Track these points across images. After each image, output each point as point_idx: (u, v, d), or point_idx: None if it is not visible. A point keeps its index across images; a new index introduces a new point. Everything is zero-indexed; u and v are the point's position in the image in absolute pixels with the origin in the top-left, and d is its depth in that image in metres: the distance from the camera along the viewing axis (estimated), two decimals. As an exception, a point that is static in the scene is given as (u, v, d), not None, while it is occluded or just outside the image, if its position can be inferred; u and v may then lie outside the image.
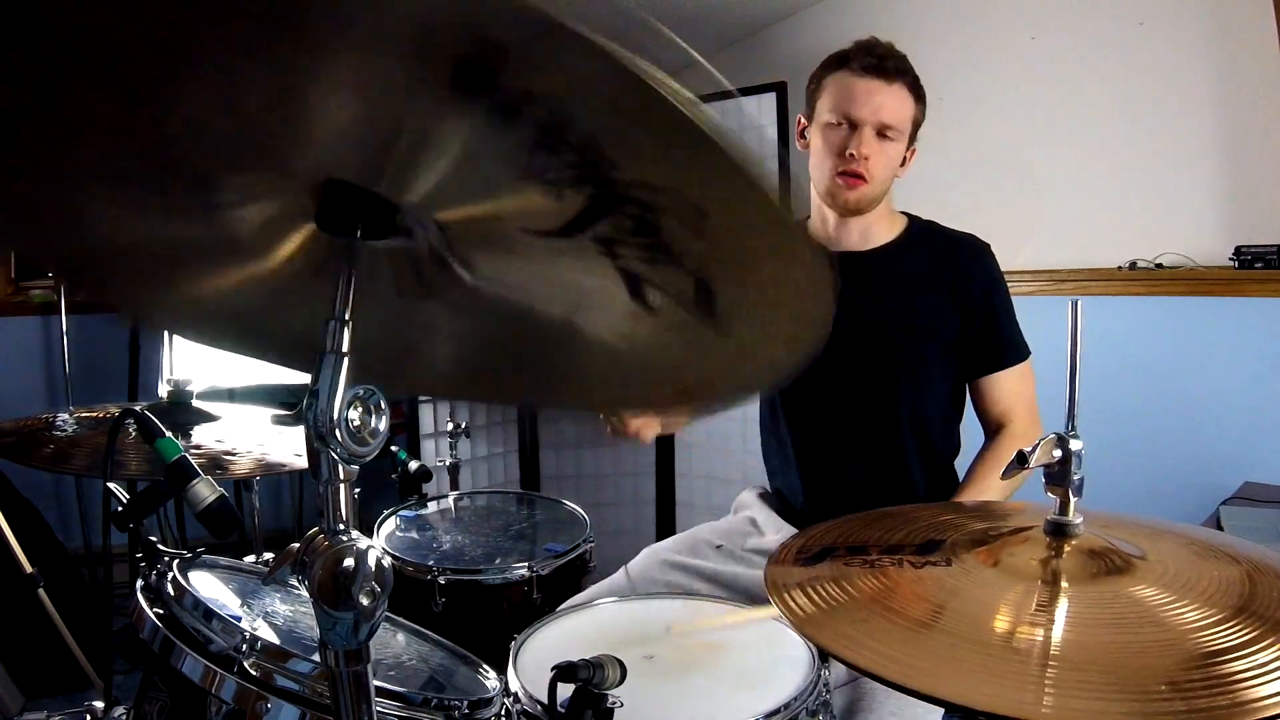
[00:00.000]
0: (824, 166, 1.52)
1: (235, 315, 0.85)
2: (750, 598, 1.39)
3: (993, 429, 1.58)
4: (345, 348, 0.62)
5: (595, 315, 0.74)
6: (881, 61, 1.49)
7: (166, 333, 2.98)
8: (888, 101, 1.48)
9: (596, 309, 0.74)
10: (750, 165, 0.54)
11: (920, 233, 1.61)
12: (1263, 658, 0.63)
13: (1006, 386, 1.55)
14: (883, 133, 1.48)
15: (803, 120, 1.60)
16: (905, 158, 1.56)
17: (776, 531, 1.59)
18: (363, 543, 0.63)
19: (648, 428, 1.47)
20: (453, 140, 0.56)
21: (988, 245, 1.59)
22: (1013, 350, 1.55)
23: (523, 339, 0.81)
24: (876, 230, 1.59)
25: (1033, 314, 1.59)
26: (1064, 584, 0.77)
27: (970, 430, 1.65)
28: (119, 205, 0.68)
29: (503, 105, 0.50)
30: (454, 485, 2.33)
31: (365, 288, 0.66)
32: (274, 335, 0.86)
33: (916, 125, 1.55)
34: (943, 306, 1.55)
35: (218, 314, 0.86)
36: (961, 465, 1.65)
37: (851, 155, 1.47)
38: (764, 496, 1.72)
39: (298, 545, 0.63)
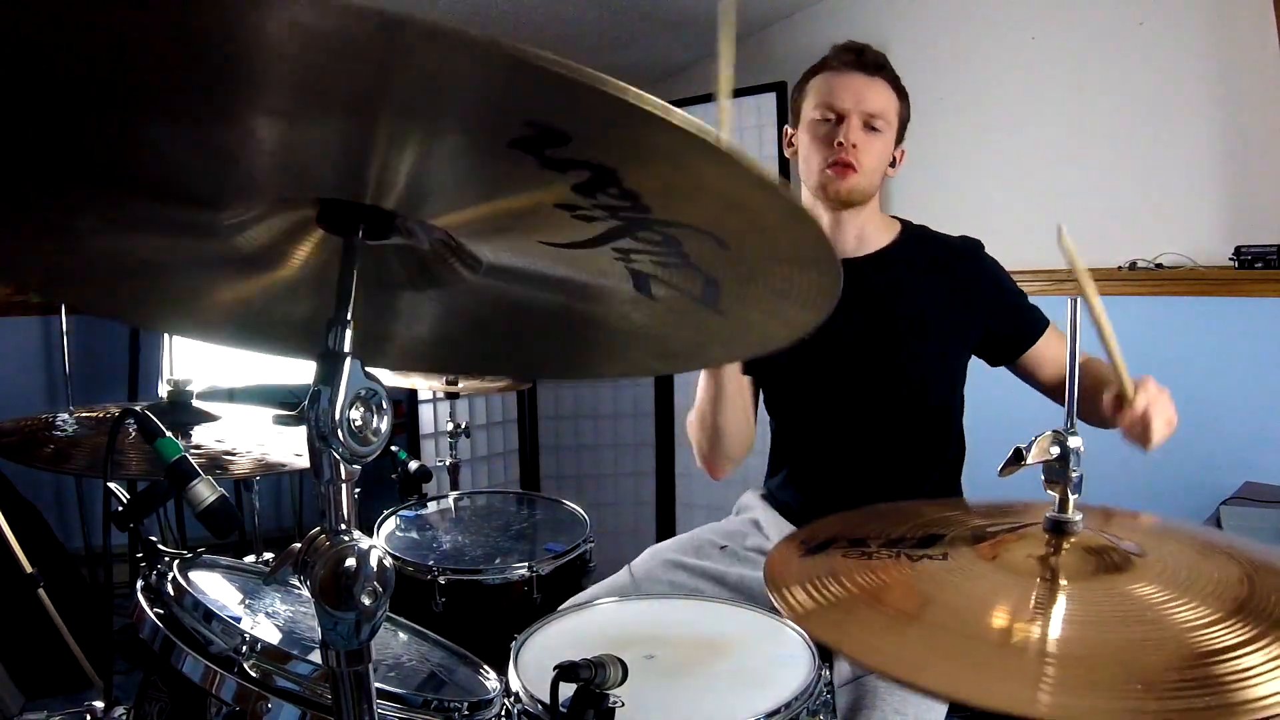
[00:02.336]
0: (813, 162, 1.52)
1: (253, 316, 0.86)
2: (757, 599, 1.39)
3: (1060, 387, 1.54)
4: (347, 348, 0.62)
5: (595, 303, 0.75)
6: (860, 56, 1.51)
7: (168, 335, 2.98)
8: (870, 92, 1.49)
9: (598, 297, 0.75)
10: (799, 214, 0.57)
11: (915, 238, 1.61)
12: (1255, 659, 0.63)
13: (1048, 349, 1.55)
14: (869, 123, 1.49)
15: (789, 130, 1.60)
16: (895, 157, 1.56)
17: (779, 533, 1.59)
18: (365, 543, 0.63)
19: None
20: (485, 184, 0.58)
21: (979, 242, 1.60)
22: (1037, 320, 1.57)
23: (516, 322, 0.83)
24: (871, 235, 1.59)
25: (1033, 314, 1.59)
26: (1062, 581, 0.77)
27: (974, 437, 1.65)
28: (125, 235, 0.68)
29: (550, 165, 0.51)
30: (454, 485, 2.33)
31: (369, 276, 0.66)
32: (293, 328, 0.87)
33: (903, 123, 1.55)
34: (951, 309, 1.55)
35: (233, 317, 0.87)
36: (967, 472, 1.65)
37: (840, 144, 1.48)
38: (766, 498, 1.72)
39: (299, 545, 0.63)
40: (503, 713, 1.07)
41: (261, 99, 0.47)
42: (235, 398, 2.99)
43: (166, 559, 1.11)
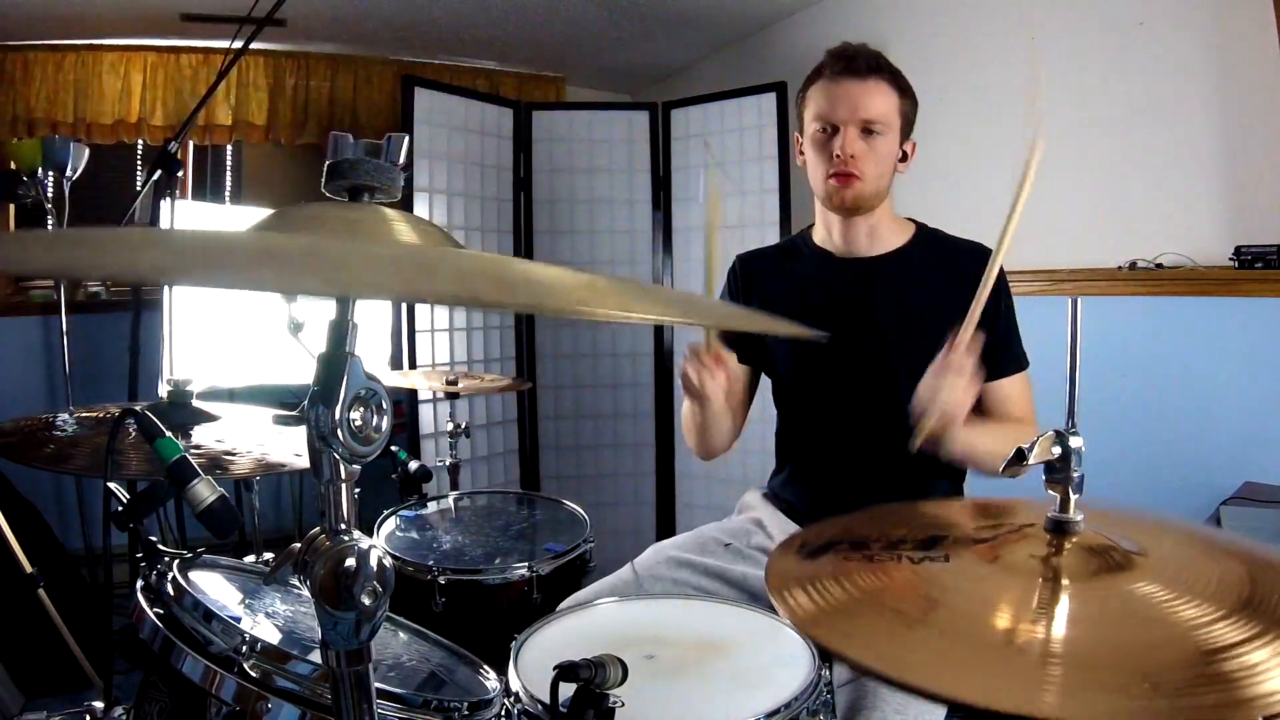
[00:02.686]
0: (816, 174, 1.55)
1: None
2: (760, 597, 1.39)
3: None
4: (349, 348, 0.62)
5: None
6: (851, 62, 1.51)
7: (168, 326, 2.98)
8: (864, 98, 1.49)
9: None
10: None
11: (927, 240, 1.61)
12: (1261, 655, 0.63)
13: (1005, 393, 1.53)
14: (867, 129, 1.49)
15: (798, 138, 1.62)
16: (905, 152, 1.56)
17: (782, 532, 1.58)
18: (364, 543, 0.63)
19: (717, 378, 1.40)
20: None
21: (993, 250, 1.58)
22: (1013, 360, 1.54)
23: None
24: (884, 235, 1.59)
25: (1033, 314, 1.58)
26: (1065, 581, 0.77)
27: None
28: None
29: None
30: (454, 485, 2.33)
31: None
32: None
33: (907, 118, 1.55)
34: (954, 312, 1.54)
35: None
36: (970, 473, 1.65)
37: (838, 156, 1.49)
38: (768, 497, 1.72)
39: (299, 545, 0.64)
40: (503, 713, 1.07)
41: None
42: (235, 398, 2.98)
43: (166, 559, 1.11)
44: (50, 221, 2.96)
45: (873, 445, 1.57)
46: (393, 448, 2.02)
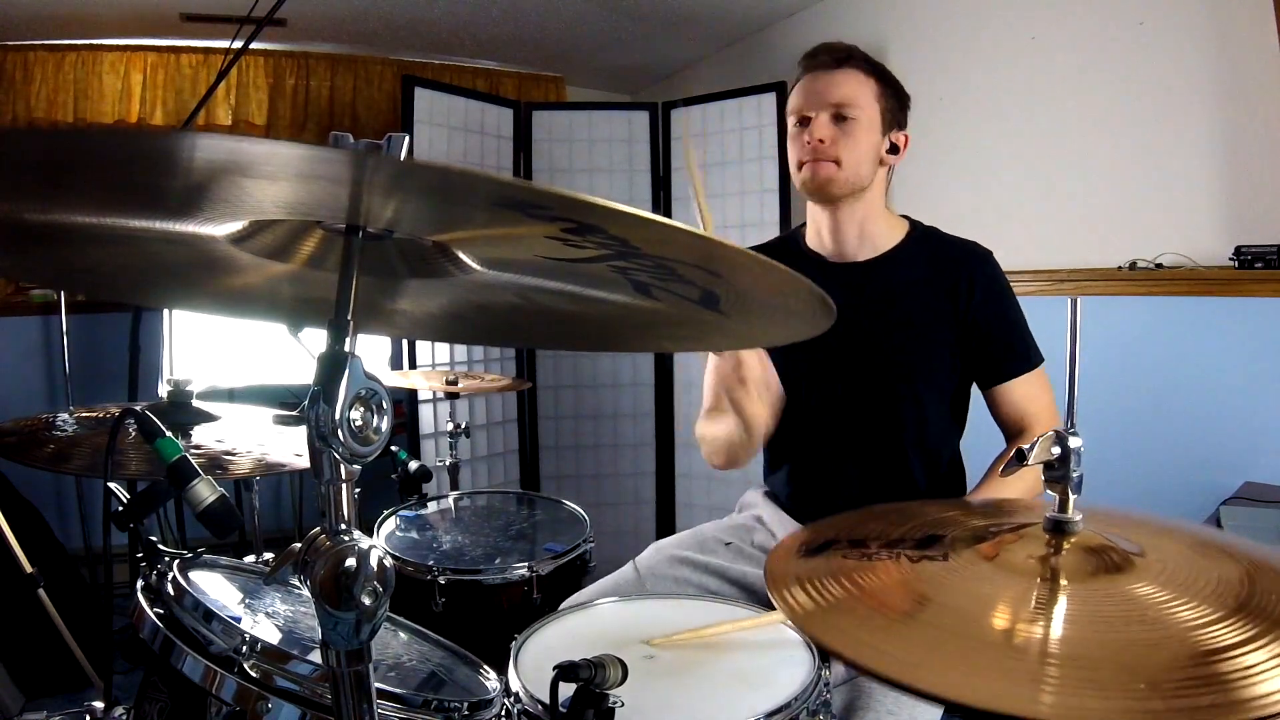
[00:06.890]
0: (793, 164, 1.55)
1: (257, 296, 0.88)
2: (760, 596, 1.39)
3: (1011, 436, 1.55)
4: (349, 348, 0.62)
5: (597, 300, 0.76)
6: (819, 56, 1.52)
7: (169, 310, 2.97)
8: (832, 85, 1.49)
9: (599, 299, 0.76)
10: (760, 262, 0.63)
11: (921, 239, 1.59)
12: (1257, 657, 0.63)
13: (1019, 393, 1.52)
14: (839, 115, 1.48)
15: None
16: (895, 145, 1.54)
17: (783, 529, 1.58)
18: (365, 542, 0.63)
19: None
20: (474, 220, 0.63)
21: (989, 253, 1.56)
22: (1020, 359, 1.52)
23: (522, 307, 0.84)
24: (875, 235, 1.56)
25: (1033, 314, 1.58)
26: (1063, 581, 0.77)
27: (977, 437, 1.65)
28: (132, 244, 0.69)
29: (535, 217, 0.56)
30: (454, 485, 2.33)
31: (375, 263, 0.69)
32: (297, 302, 0.88)
33: (888, 108, 1.53)
34: (941, 315, 1.53)
35: (238, 298, 0.89)
36: (970, 472, 1.65)
37: (808, 142, 1.49)
38: (769, 495, 1.72)
39: (300, 545, 0.64)
40: (503, 713, 1.07)
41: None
42: (235, 398, 2.99)
43: (166, 559, 1.11)
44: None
45: (868, 448, 1.56)
46: (393, 448, 2.02)
